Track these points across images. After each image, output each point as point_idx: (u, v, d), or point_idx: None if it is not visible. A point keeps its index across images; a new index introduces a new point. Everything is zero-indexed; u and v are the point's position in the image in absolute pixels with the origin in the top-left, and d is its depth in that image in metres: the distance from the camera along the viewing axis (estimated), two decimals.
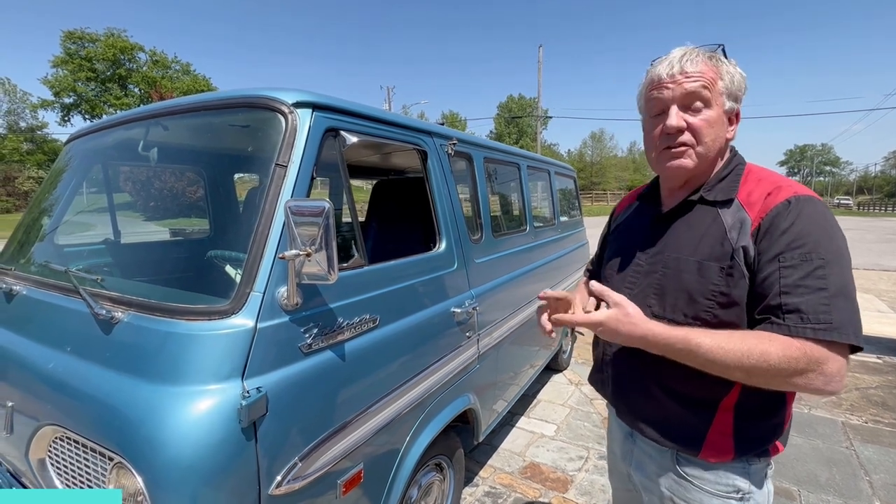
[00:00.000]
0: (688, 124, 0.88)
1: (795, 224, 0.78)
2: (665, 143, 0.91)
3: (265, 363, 1.05)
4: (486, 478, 2.46)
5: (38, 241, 1.81)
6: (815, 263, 0.76)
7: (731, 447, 0.89)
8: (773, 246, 0.79)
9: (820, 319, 0.73)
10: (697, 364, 0.80)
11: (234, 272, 1.18)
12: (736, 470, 0.91)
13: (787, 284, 0.76)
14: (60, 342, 1.21)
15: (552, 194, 3.56)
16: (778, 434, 0.90)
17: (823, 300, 0.74)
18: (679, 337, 0.79)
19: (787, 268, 0.77)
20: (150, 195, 5.50)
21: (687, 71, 0.86)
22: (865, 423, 3.00)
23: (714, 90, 0.87)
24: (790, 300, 0.75)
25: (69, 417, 1.09)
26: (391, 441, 1.45)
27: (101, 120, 1.79)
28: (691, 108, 0.88)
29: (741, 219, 0.85)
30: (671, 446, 0.95)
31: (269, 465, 1.02)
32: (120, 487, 0.98)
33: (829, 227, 0.79)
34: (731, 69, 0.89)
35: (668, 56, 0.90)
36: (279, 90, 1.26)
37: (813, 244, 0.77)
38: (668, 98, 0.89)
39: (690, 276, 0.88)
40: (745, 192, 0.88)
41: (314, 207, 1.00)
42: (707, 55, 0.88)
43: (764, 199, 0.84)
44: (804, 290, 0.75)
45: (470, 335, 1.90)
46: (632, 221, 1.13)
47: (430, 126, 1.89)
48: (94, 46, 31.38)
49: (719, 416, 0.89)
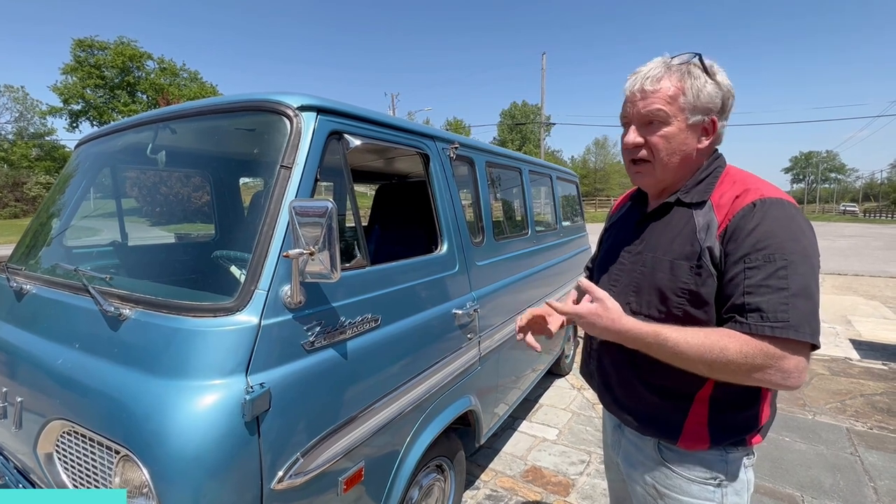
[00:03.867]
0: (645, 140, 0.94)
1: (760, 226, 0.82)
2: (629, 157, 0.99)
3: (269, 360, 1.08)
4: (488, 481, 2.46)
5: (48, 243, 1.84)
6: (777, 264, 0.78)
7: (707, 436, 0.93)
8: (739, 248, 0.83)
9: (778, 318, 0.76)
10: (665, 357, 0.84)
11: (239, 272, 1.21)
12: (714, 458, 0.95)
13: (750, 285, 0.80)
14: (69, 339, 1.24)
15: (554, 199, 3.58)
16: (754, 426, 0.94)
17: (783, 300, 0.77)
18: (649, 331, 0.84)
19: (751, 269, 0.80)
20: (156, 200, 5.56)
21: (645, 89, 0.91)
22: (870, 429, 2.98)
23: (674, 106, 0.90)
24: (752, 300, 0.79)
25: (77, 412, 1.12)
26: (392, 440, 1.46)
27: (111, 124, 1.83)
28: (650, 124, 0.93)
29: (710, 220, 0.89)
30: (652, 435, 1.00)
31: (272, 459, 1.04)
32: (126, 480, 1.00)
33: (795, 228, 0.82)
34: (700, 83, 0.90)
35: (640, 69, 0.95)
36: (285, 94, 1.30)
37: (776, 245, 0.80)
38: (630, 115, 0.96)
39: (663, 274, 0.93)
40: (719, 193, 0.92)
41: (318, 207, 1.03)
42: (675, 69, 0.91)
43: (732, 201, 0.88)
44: (766, 289, 0.78)
45: (471, 337, 1.92)
46: (622, 221, 1.18)
47: (433, 130, 1.92)
48: (103, 54, 31.88)
49: (695, 407, 0.93)
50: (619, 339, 0.88)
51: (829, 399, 3.43)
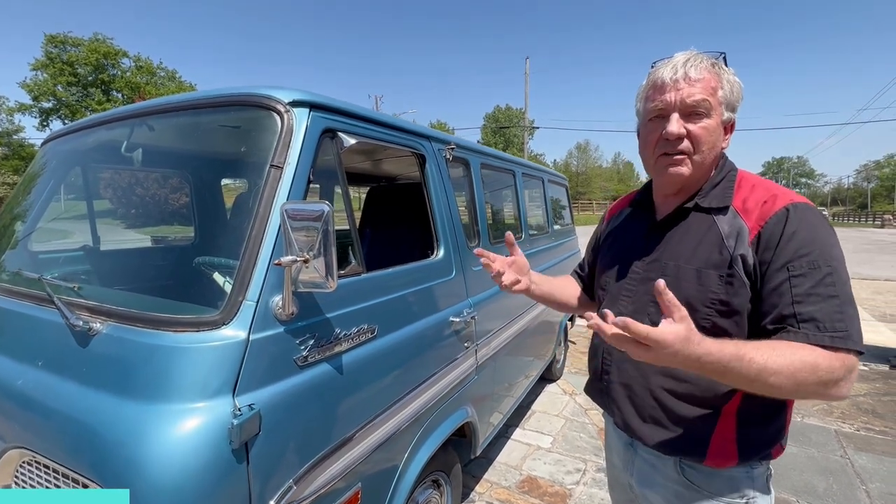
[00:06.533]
0: (687, 132, 0.87)
1: (799, 232, 0.79)
2: (663, 149, 0.90)
3: (258, 378, 0.98)
4: (483, 493, 2.38)
5: (10, 247, 1.69)
6: (823, 271, 0.76)
7: (735, 452, 0.88)
8: (780, 255, 0.79)
9: (836, 328, 0.73)
10: (740, 382, 0.73)
11: (223, 280, 1.10)
12: (741, 475, 0.90)
13: (799, 293, 0.76)
14: (31, 356, 1.11)
15: (545, 202, 3.55)
16: (779, 437, 0.90)
17: (837, 308, 0.74)
18: (732, 353, 0.70)
19: (797, 276, 0.77)
20: (132, 202, 5.32)
21: (690, 77, 0.85)
22: (857, 430, 3.01)
23: (715, 98, 0.86)
24: (804, 309, 0.75)
25: (38, 439, 1.00)
26: (389, 458, 1.37)
27: (82, 119, 1.69)
28: (692, 115, 0.86)
29: (738, 227, 0.85)
30: (675, 453, 0.94)
31: (262, 489, 0.94)
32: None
33: (829, 234, 0.80)
34: (732, 78, 0.88)
35: (671, 59, 0.89)
36: (275, 88, 1.20)
37: (819, 252, 0.77)
38: (670, 103, 0.87)
39: (689, 283, 0.87)
40: (740, 199, 0.88)
41: (312, 211, 0.94)
42: (710, 62, 0.87)
43: (761, 206, 0.84)
44: (817, 298, 0.75)
45: (468, 345, 1.84)
46: (626, 228, 1.12)
47: (429, 130, 1.84)
48: (77, 51, 30.77)
49: (722, 421, 0.88)
50: (692, 366, 0.70)
51: (815, 401, 3.47)
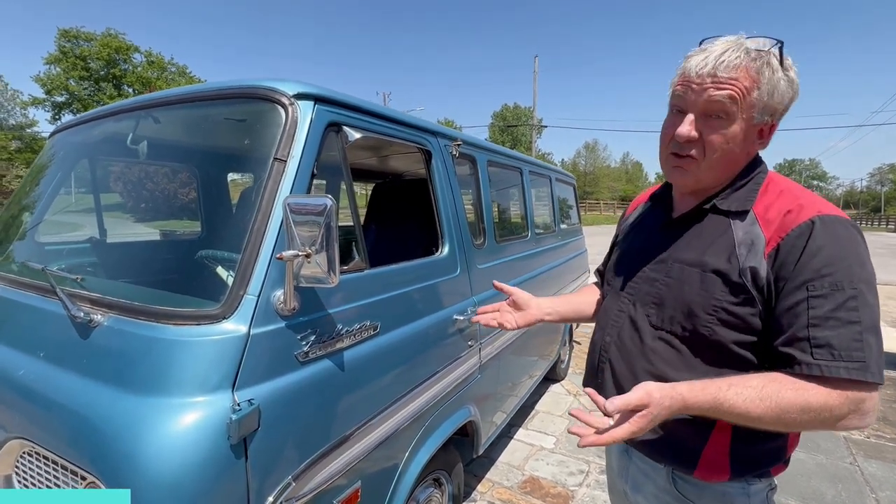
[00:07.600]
0: (700, 136, 0.80)
1: (824, 248, 0.72)
2: (673, 148, 0.85)
3: (258, 373, 0.97)
4: (485, 492, 2.36)
5: (17, 238, 1.70)
6: (847, 294, 0.70)
7: (727, 467, 0.84)
8: (800, 273, 0.72)
9: (853, 357, 0.68)
10: (727, 420, 0.75)
11: (226, 273, 1.09)
12: (734, 490, 0.86)
13: (816, 316, 0.70)
14: (33, 347, 1.11)
15: (553, 201, 3.51)
16: (780, 457, 0.86)
17: (856, 335, 0.68)
18: (708, 400, 0.73)
19: (816, 297, 0.71)
20: (142, 196, 5.36)
21: (718, 76, 0.76)
22: (868, 438, 2.96)
23: (744, 102, 0.77)
24: (820, 333, 0.70)
25: (38, 431, 1.00)
26: (390, 456, 1.36)
27: (89, 112, 1.70)
28: (711, 118, 0.79)
29: (754, 235, 0.78)
30: (666, 462, 0.91)
31: (261, 485, 0.93)
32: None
33: (861, 251, 0.73)
34: (777, 78, 0.77)
35: (709, 46, 0.79)
36: (279, 81, 1.19)
37: (844, 271, 0.70)
38: (690, 101, 0.80)
39: (692, 287, 0.83)
40: (763, 204, 0.81)
41: (315, 205, 0.93)
42: (755, 56, 0.76)
43: (783, 216, 0.77)
44: (835, 322, 0.69)
45: (472, 344, 1.82)
46: (642, 223, 1.08)
47: (435, 126, 1.82)
48: (89, 45, 31.08)
49: (715, 435, 0.84)
50: (684, 411, 0.75)
51: None
